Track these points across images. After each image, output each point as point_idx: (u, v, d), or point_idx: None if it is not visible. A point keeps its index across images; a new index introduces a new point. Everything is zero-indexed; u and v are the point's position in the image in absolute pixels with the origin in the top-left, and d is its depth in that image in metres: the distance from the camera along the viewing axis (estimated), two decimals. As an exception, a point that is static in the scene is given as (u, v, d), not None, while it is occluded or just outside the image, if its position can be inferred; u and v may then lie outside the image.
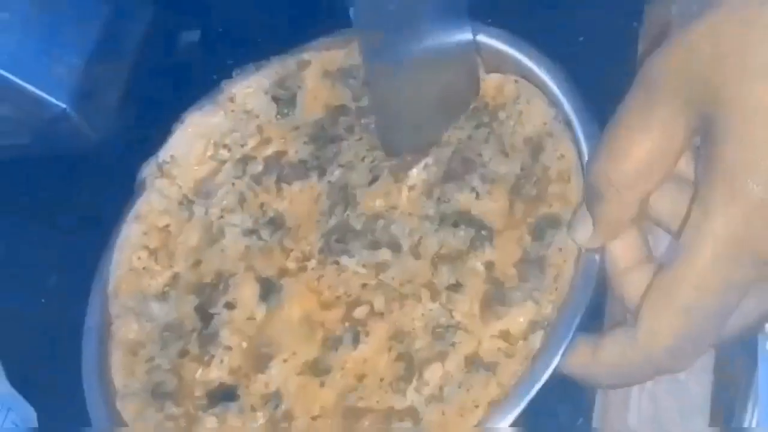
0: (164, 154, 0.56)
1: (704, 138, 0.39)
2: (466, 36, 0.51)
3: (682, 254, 0.39)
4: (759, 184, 0.37)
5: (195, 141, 0.56)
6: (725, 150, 0.38)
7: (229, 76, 0.57)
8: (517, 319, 0.46)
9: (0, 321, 0.58)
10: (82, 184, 0.62)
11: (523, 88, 0.51)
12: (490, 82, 0.52)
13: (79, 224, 0.60)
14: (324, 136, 0.55)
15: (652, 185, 0.41)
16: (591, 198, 0.43)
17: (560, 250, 0.46)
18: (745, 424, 0.51)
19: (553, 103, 0.50)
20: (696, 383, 0.51)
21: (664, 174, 0.41)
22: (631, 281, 0.43)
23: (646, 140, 0.40)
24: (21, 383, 0.55)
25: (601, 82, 0.49)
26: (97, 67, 0.62)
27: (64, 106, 0.61)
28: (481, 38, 0.52)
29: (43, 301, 0.60)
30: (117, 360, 0.52)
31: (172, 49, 0.65)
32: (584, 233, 0.44)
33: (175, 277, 0.54)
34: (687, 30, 0.39)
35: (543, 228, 0.47)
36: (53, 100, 0.60)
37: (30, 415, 0.54)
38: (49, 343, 0.57)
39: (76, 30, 0.62)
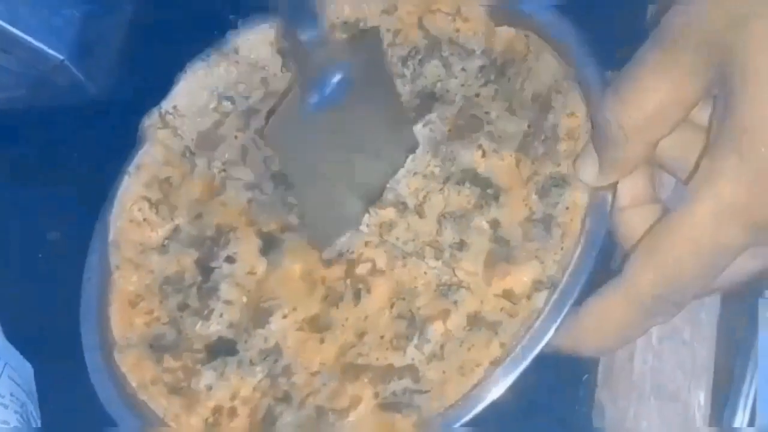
0: (167, 104, 0.55)
1: (721, 94, 0.39)
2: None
3: (684, 206, 0.39)
4: None
5: (198, 92, 0.55)
6: (740, 112, 0.38)
7: (232, 29, 0.56)
8: (521, 278, 0.45)
9: (-3, 276, 0.57)
10: (80, 136, 0.61)
11: (534, 43, 0.50)
12: (499, 36, 0.51)
13: (77, 177, 0.60)
14: (329, 91, 0.54)
15: (662, 132, 0.41)
16: (599, 139, 0.43)
17: (567, 209, 0.46)
18: (745, 387, 0.51)
19: (564, 59, 0.49)
20: (700, 343, 0.50)
21: (675, 123, 0.41)
22: (629, 219, 0.43)
23: (660, 89, 0.40)
24: (18, 338, 0.54)
25: (612, 38, 0.48)
26: (96, 19, 0.62)
27: (62, 57, 0.60)
28: (490, -9, 0.51)
29: (40, 255, 0.59)
30: (116, 311, 0.51)
31: (173, 1, 0.64)
32: (590, 172, 0.44)
33: (176, 229, 0.53)
34: None
35: (550, 187, 0.47)
36: (51, 51, 0.59)
37: (27, 370, 0.53)
38: (46, 298, 0.56)
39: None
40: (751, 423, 0.50)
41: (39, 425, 0.53)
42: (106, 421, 0.48)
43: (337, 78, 0.45)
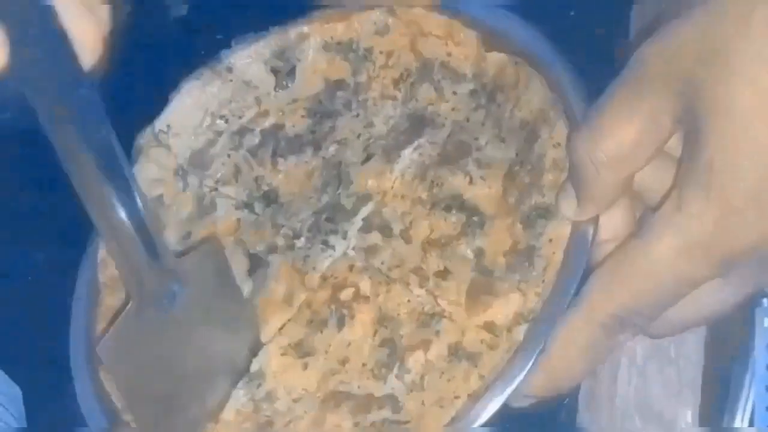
0: (160, 122, 0.55)
1: (691, 130, 0.39)
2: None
3: (646, 236, 0.40)
4: (735, 192, 0.37)
5: (192, 111, 0.55)
6: (708, 150, 0.37)
7: (220, 50, 0.56)
8: (503, 310, 0.45)
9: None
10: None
11: (523, 70, 0.50)
12: (490, 61, 0.51)
13: (65, 200, 0.60)
14: (321, 111, 0.54)
15: (635, 167, 0.41)
16: (573, 175, 0.43)
17: (551, 241, 0.46)
18: (742, 397, 0.51)
19: (552, 88, 0.48)
20: (686, 361, 0.50)
21: (648, 158, 0.41)
22: (605, 253, 0.43)
23: (630, 126, 0.40)
24: (6, 361, 0.54)
25: (592, 60, 0.48)
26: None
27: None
28: (480, 15, 0.51)
29: (29, 278, 0.59)
30: (103, 330, 0.51)
31: (161, 23, 0.63)
32: (571, 206, 0.44)
33: (165, 248, 0.53)
34: (679, 23, 0.38)
35: (535, 217, 0.46)
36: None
37: (15, 393, 0.54)
38: (34, 320, 0.56)
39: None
40: (749, 430, 0.51)
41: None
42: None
43: (174, 287, 0.44)
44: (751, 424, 0.50)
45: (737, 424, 0.51)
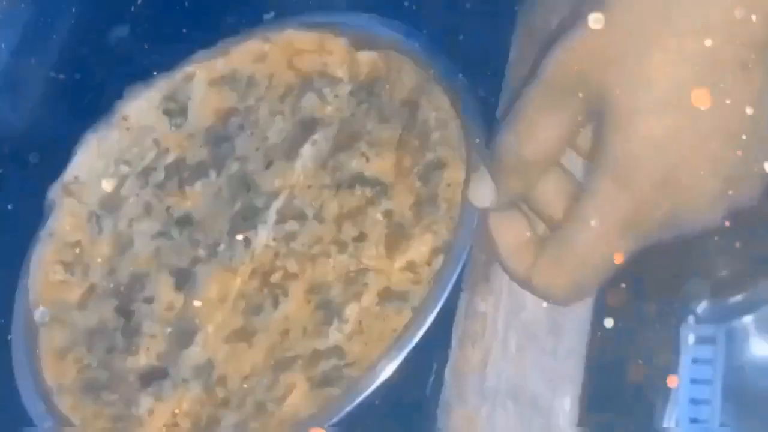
0: (68, 175, 0.59)
1: (597, 128, 0.44)
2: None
3: (573, 225, 0.45)
4: (639, 182, 0.43)
5: (96, 161, 0.59)
6: (612, 147, 0.43)
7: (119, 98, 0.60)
8: (420, 249, 0.50)
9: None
10: (7, 177, 0.63)
11: (392, 59, 0.56)
12: (361, 60, 0.58)
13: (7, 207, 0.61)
14: (218, 137, 0.59)
15: (553, 162, 0.47)
16: (502, 170, 0.48)
17: (449, 185, 0.51)
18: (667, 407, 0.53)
19: (422, 65, 0.55)
20: (564, 353, 0.51)
21: (563, 151, 0.47)
22: (519, 259, 0.48)
23: (548, 131, 0.46)
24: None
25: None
26: (23, 61, 0.64)
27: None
28: (349, 20, 0.58)
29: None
30: (46, 364, 0.53)
31: (102, 43, 0.66)
32: (487, 196, 0.49)
33: (92, 287, 0.56)
34: (578, 35, 0.44)
35: (430, 171, 0.52)
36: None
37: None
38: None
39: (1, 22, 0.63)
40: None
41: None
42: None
43: None
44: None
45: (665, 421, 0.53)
